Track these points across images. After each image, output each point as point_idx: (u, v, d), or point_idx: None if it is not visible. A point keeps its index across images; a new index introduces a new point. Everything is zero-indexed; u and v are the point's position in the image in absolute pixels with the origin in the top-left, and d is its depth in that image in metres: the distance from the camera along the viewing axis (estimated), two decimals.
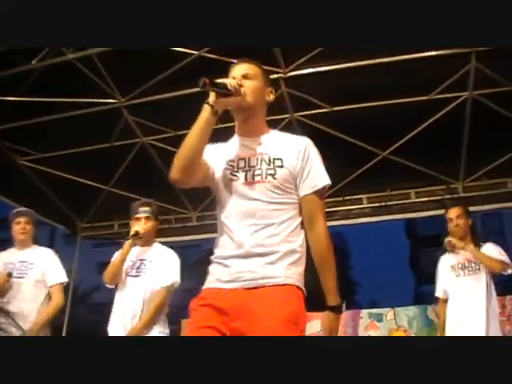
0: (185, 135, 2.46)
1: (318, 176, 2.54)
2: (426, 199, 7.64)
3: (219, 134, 2.61)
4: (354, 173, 7.33)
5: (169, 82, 6.10)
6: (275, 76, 6.08)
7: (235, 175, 2.52)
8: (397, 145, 6.91)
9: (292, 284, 2.41)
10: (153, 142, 7.25)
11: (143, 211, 4.76)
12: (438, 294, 5.15)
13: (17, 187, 7.86)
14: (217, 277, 2.47)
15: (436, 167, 7.19)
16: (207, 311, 2.39)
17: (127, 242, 4.63)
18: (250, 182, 2.49)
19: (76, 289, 17.75)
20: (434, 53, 5.68)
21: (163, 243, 5.03)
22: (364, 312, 8.04)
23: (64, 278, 5.15)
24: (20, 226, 5.10)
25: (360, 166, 7.23)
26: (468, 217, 5.05)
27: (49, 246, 5.50)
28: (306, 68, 6.04)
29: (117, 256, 4.69)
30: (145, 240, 4.74)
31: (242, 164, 2.54)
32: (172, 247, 5.00)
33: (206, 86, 2.38)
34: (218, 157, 2.59)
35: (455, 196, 7.49)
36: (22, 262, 4.98)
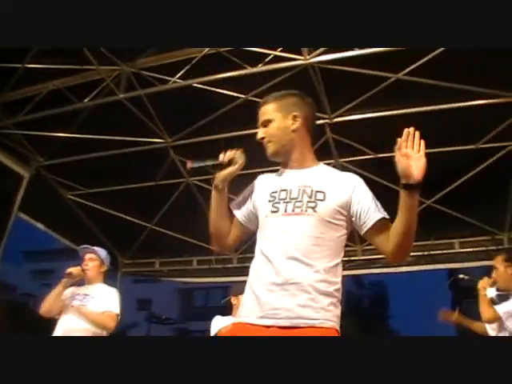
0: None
1: (379, 208, 2.45)
2: (471, 249, 7.49)
3: None
4: None
5: (216, 123, 6.20)
6: (321, 122, 6.12)
7: (276, 207, 2.44)
8: (442, 193, 6.82)
9: (331, 327, 2.27)
10: (198, 183, 7.32)
11: None
12: None
13: (62, 220, 8.02)
14: (250, 310, 2.36)
15: (481, 217, 7.06)
16: None
17: None
18: (289, 214, 2.39)
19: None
20: (481, 102, 5.64)
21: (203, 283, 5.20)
22: None
23: (115, 309, 5.17)
24: (84, 263, 5.27)
25: None
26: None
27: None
28: (352, 115, 6.05)
29: None
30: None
31: (283, 195, 2.46)
32: (212, 287, 5.17)
33: (191, 170, 2.53)
34: (260, 194, 2.56)
35: (500, 247, 7.33)
36: (85, 294, 5.14)
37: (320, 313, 2.25)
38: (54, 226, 8.00)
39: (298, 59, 5.33)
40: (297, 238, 2.34)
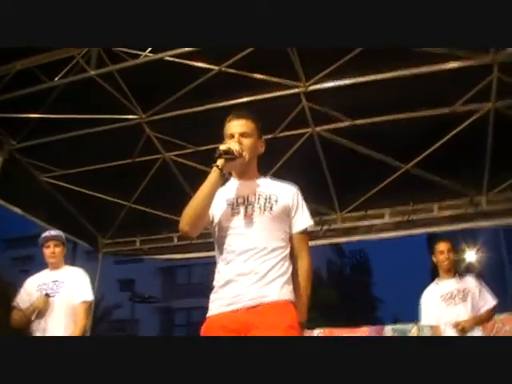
0: (207, 150, 2.68)
1: (306, 218, 3.00)
2: (449, 213, 7.52)
3: None
4: (376, 187, 7.24)
5: (189, 97, 6.12)
6: (296, 91, 6.08)
7: (237, 210, 2.88)
8: (419, 158, 6.81)
9: (287, 300, 2.78)
10: (174, 158, 7.26)
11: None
12: (431, 321, 5.31)
13: (39, 204, 7.91)
14: (219, 303, 2.79)
15: (459, 180, 7.07)
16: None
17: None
18: (249, 215, 2.86)
19: (97, 306, 17.78)
20: (455, 64, 5.62)
21: (184, 259, 5.13)
22: (387, 328, 7.95)
23: (89, 297, 5.20)
24: (50, 251, 5.22)
25: (382, 180, 7.14)
26: (454, 252, 5.49)
27: (71, 263, 5.56)
28: (327, 82, 6.01)
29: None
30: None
31: (241, 201, 2.91)
32: (194, 264, 5.17)
33: (221, 155, 2.77)
34: (217, 202, 2.90)
35: (478, 209, 7.38)
36: (54, 281, 5.11)
37: (277, 290, 2.76)
38: (31, 210, 7.87)
39: None
40: (257, 234, 2.82)
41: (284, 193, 2.98)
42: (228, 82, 5.97)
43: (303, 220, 2.99)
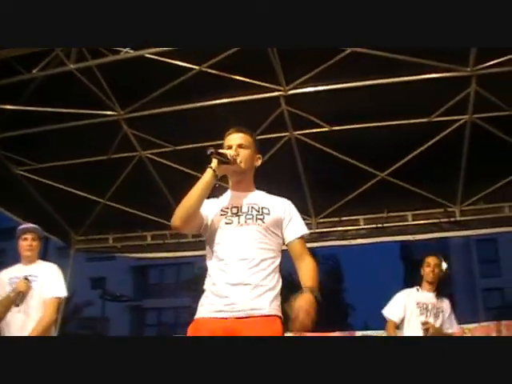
0: (183, 150, 2.67)
1: (301, 226, 3.12)
2: (423, 222, 7.60)
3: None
4: (351, 193, 7.29)
5: (169, 96, 6.08)
6: (276, 94, 6.09)
7: (229, 219, 3.01)
8: (395, 166, 6.87)
9: (275, 315, 2.88)
10: (151, 156, 7.21)
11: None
12: (393, 317, 5.52)
13: (12, 197, 7.80)
14: (209, 308, 2.90)
15: (434, 190, 7.16)
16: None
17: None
18: (242, 225, 2.98)
19: (68, 303, 17.58)
20: (435, 75, 5.68)
21: (157, 259, 5.03)
22: (358, 334, 7.98)
23: (61, 293, 5.09)
24: (27, 243, 5.08)
25: (358, 187, 7.19)
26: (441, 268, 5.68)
27: (41, 258, 5.43)
28: (307, 87, 6.02)
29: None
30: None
31: (234, 211, 3.04)
32: (167, 264, 5.09)
33: (212, 154, 2.88)
34: (212, 209, 3.05)
35: (452, 220, 7.47)
36: (28, 275, 4.93)
37: (267, 304, 2.86)
38: (4, 203, 7.75)
39: None
40: (249, 244, 2.94)
41: (276, 205, 3.11)
42: (208, 83, 5.96)
43: (298, 228, 3.10)
